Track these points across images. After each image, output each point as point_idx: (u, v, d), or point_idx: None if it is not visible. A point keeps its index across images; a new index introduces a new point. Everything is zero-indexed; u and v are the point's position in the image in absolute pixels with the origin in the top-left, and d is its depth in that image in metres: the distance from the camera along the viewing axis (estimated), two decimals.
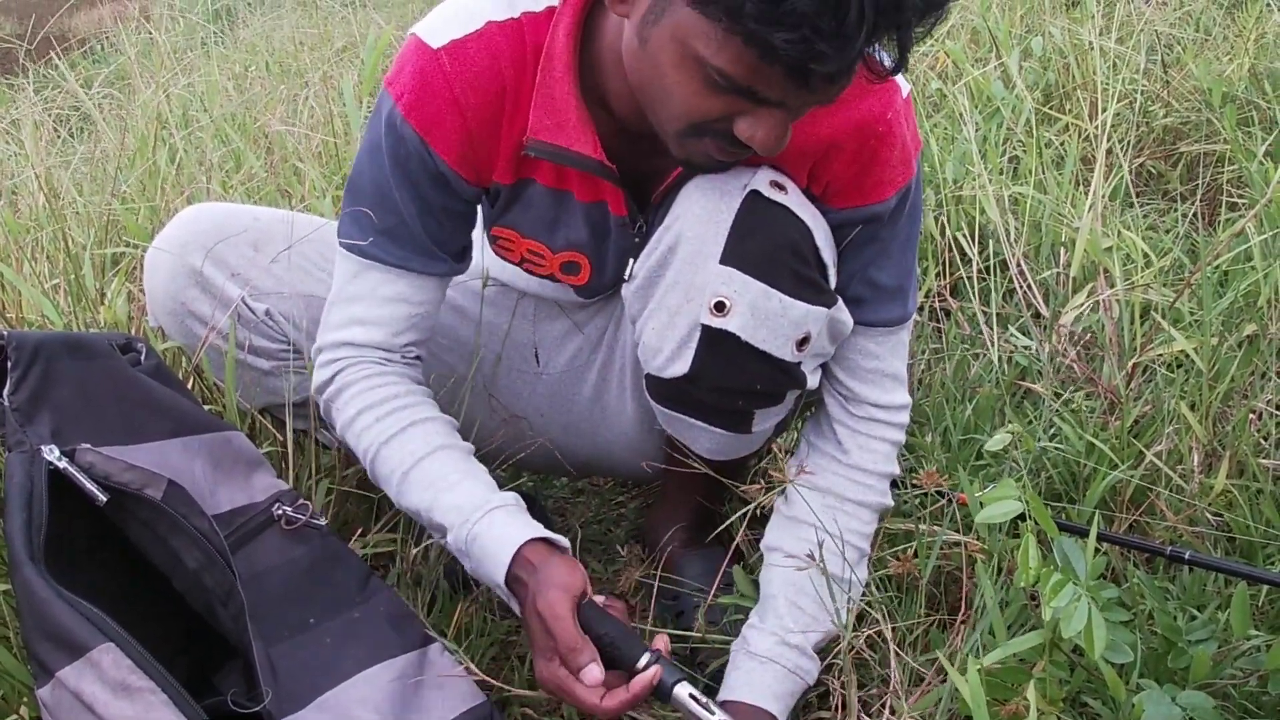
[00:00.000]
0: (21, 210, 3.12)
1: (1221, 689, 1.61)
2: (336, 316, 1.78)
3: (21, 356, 1.47)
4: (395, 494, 1.73)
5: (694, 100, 1.43)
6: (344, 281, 1.77)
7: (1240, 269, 2.59)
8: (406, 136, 1.66)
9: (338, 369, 1.76)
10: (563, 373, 2.03)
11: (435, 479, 1.69)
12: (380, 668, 1.61)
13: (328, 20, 5.97)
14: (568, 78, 1.61)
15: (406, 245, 1.73)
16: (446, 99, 1.63)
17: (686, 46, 1.38)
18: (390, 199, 1.71)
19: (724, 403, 1.70)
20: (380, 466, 1.73)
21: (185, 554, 1.47)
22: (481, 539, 1.63)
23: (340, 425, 1.77)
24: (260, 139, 3.67)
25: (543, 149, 1.65)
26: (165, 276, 1.88)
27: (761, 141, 1.44)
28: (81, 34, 7.37)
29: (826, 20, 1.24)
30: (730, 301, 1.57)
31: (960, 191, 2.95)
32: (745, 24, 1.28)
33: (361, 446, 1.74)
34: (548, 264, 1.82)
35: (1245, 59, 3.64)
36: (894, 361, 1.81)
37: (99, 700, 1.27)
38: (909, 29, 1.32)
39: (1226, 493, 1.95)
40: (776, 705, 1.69)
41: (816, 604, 1.74)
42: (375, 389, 1.75)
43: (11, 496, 1.35)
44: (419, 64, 1.64)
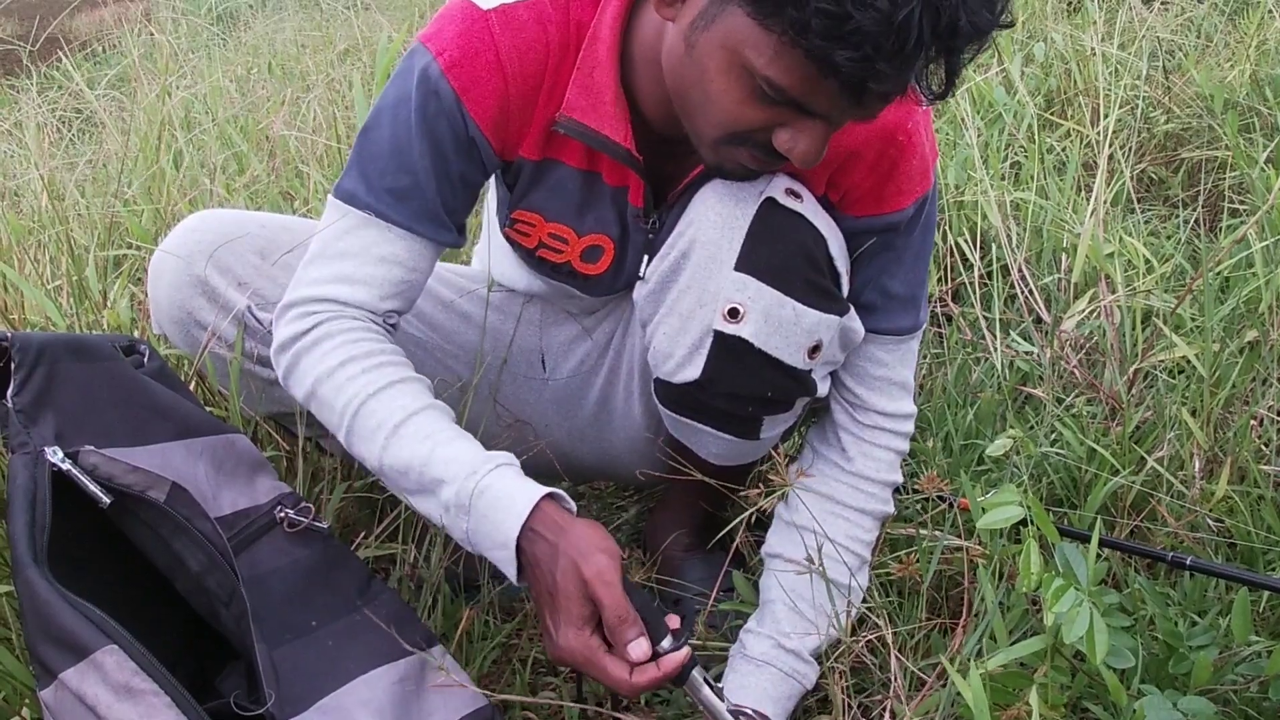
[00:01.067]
0: (24, 211, 3.12)
1: (1222, 695, 1.61)
2: (319, 271, 1.69)
3: (25, 358, 1.47)
4: (380, 448, 1.61)
5: (738, 109, 1.43)
6: (333, 236, 1.69)
7: (1242, 275, 2.59)
8: (442, 93, 1.61)
9: (316, 320, 1.67)
10: (569, 378, 2.02)
11: (432, 432, 1.60)
12: (382, 670, 1.61)
13: (330, 23, 5.98)
14: (610, 61, 1.60)
15: (415, 206, 1.67)
16: (491, 61, 1.60)
17: (737, 55, 1.38)
18: (408, 157, 1.65)
19: (734, 409, 1.71)
20: (365, 419, 1.62)
21: (188, 556, 1.47)
22: (492, 490, 1.54)
23: (314, 377, 1.65)
24: (263, 142, 3.68)
25: (574, 128, 1.63)
26: (170, 285, 1.84)
27: (801, 154, 1.44)
28: (84, 36, 7.39)
29: (890, 40, 1.26)
30: (744, 308, 1.57)
31: (962, 197, 2.95)
32: (809, 39, 1.29)
33: (343, 398, 1.63)
34: (569, 250, 1.78)
35: (1247, 65, 3.64)
36: (902, 370, 1.82)
37: (102, 702, 1.27)
38: (958, 54, 1.34)
39: (1228, 498, 1.95)
40: (773, 708, 1.70)
41: (815, 609, 1.75)
42: (361, 341, 1.66)
43: (14, 498, 1.35)
44: (466, 23, 1.60)
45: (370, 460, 1.63)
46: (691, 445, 1.81)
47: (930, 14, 1.26)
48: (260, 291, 1.86)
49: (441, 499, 1.57)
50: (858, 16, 1.25)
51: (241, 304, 1.84)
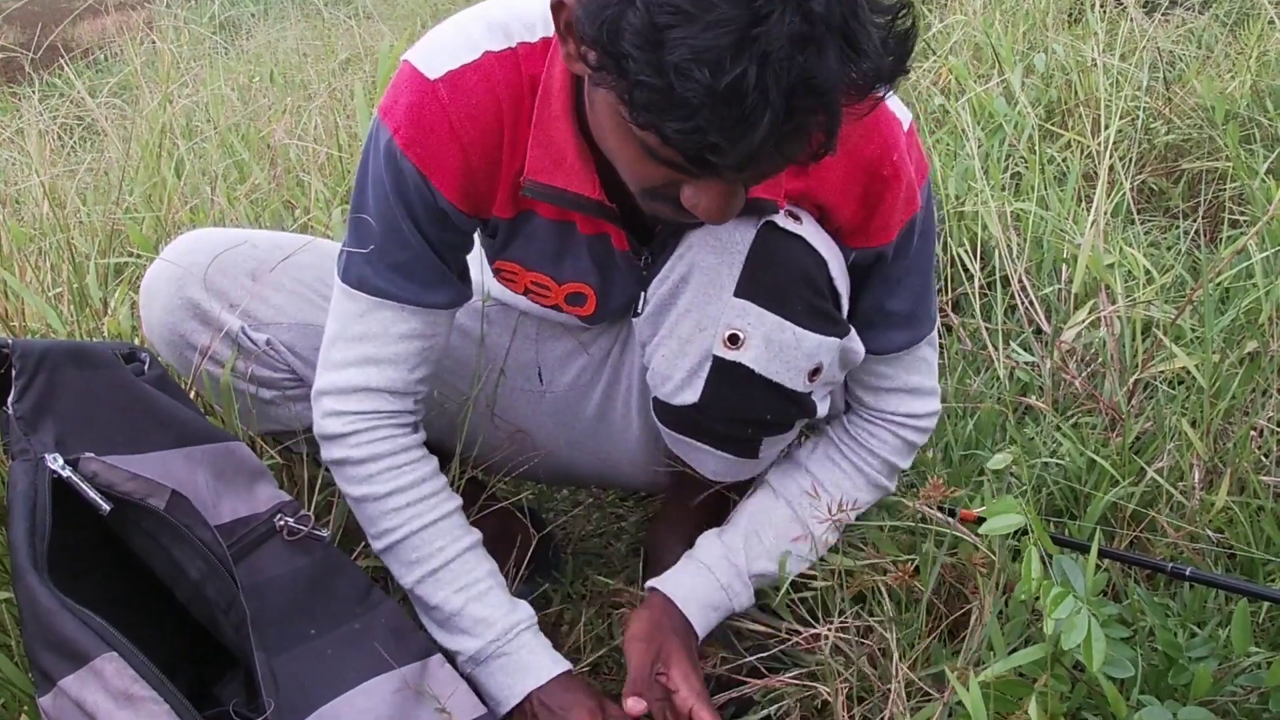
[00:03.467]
0: (26, 219, 3.12)
1: (1222, 706, 1.61)
2: (342, 355, 1.73)
3: (26, 365, 1.47)
4: (415, 580, 1.75)
5: (636, 166, 1.39)
6: (349, 320, 1.71)
7: (1242, 286, 2.59)
8: (406, 171, 1.60)
9: (359, 426, 1.73)
10: (566, 391, 2.01)
11: (467, 584, 1.75)
12: (381, 679, 1.61)
13: (332, 31, 5.98)
14: (565, 115, 1.55)
15: (419, 279, 1.68)
16: (445, 133, 1.58)
17: (619, 116, 1.31)
18: (399, 232, 1.65)
19: (733, 431, 1.71)
20: (405, 551, 1.75)
21: (188, 564, 1.47)
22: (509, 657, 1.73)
23: (362, 495, 1.75)
24: (265, 151, 3.68)
25: (540, 190, 1.60)
26: (162, 308, 1.84)
27: (705, 212, 1.38)
28: (86, 44, 7.39)
29: (720, 110, 1.17)
30: (744, 334, 1.57)
31: (962, 207, 2.95)
32: (637, 112, 1.23)
33: (386, 524, 1.74)
34: (553, 295, 1.78)
35: (1247, 76, 3.64)
36: (910, 378, 1.83)
37: (101, 709, 1.27)
38: (835, 111, 1.23)
39: (1227, 509, 1.95)
40: (697, 612, 1.79)
41: (775, 540, 1.82)
42: (408, 470, 1.75)
43: (15, 505, 1.35)
44: (415, 95, 1.58)
45: (401, 580, 1.78)
46: (690, 463, 1.81)
47: (770, 75, 1.15)
48: (252, 312, 1.87)
49: (460, 646, 1.75)
50: (679, 87, 1.16)
51: (235, 326, 1.85)
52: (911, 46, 1.26)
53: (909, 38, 1.25)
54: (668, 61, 1.17)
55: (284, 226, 2.98)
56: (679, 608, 1.78)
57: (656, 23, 1.17)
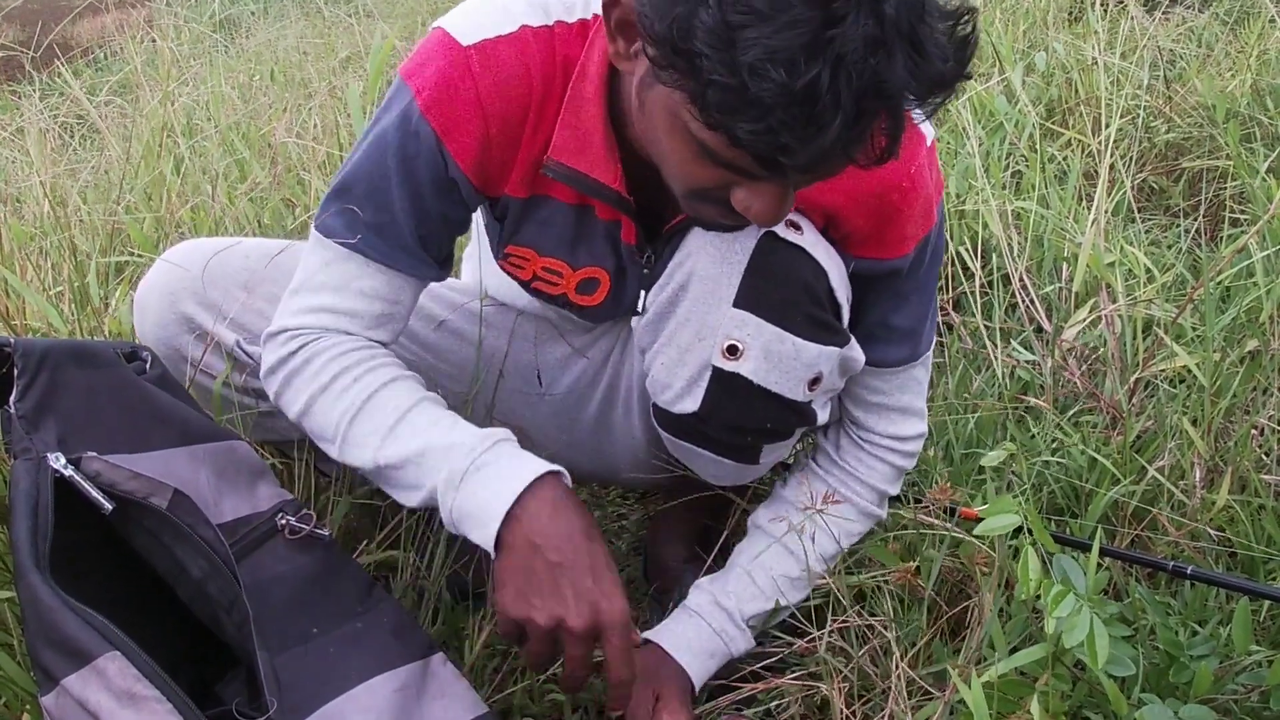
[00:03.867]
0: (26, 217, 3.12)
1: (1223, 704, 1.61)
2: (302, 302, 1.67)
3: (28, 364, 1.46)
4: (375, 450, 1.59)
5: (688, 168, 1.38)
6: (314, 269, 1.66)
7: (1242, 285, 2.59)
8: (421, 134, 1.57)
9: (303, 342, 1.65)
10: (566, 394, 2.00)
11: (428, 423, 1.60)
12: (383, 678, 1.61)
13: (332, 30, 5.98)
14: (598, 101, 1.55)
15: (393, 243, 1.63)
16: (470, 101, 1.55)
17: (676, 117, 1.32)
18: (384, 195, 1.61)
19: (733, 439, 1.70)
20: (361, 425, 1.61)
21: (190, 563, 1.47)
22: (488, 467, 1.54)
23: (308, 395, 1.64)
24: (265, 149, 3.68)
25: (562, 172, 1.59)
26: (155, 323, 1.83)
27: (757, 214, 1.39)
28: (85, 42, 7.39)
29: (793, 111, 1.17)
30: (743, 345, 1.56)
31: (963, 206, 2.95)
32: (709, 112, 1.23)
33: (338, 410, 1.62)
34: (564, 283, 1.75)
35: (1248, 75, 3.64)
36: (902, 396, 1.81)
37: (104, 708, 1.27)
38: (900, 115, 1.24)
39: (1228, 508, 1.95)
40: (691, 660, 1.73)
41: (769, 581, 1.78)
42: (350, 352, 1.64)
43: (17, 504, 1.35)
44: (445, 60, 1.55)
45: (366, 466, 1.62)
46: (691, 467, 1.81)
47: (843, 77, 1.16)
48: (247, 326, 1.84)
49: (435, 480, 1.56)
50: (754, 87, 1.16)
51: (229, 340, 1.83)
52: (972, 52, 1.26)
53: (970, 43, 1.25)
54: (741, 61, 1.17)
55: (284, 225, 2.98)
56: (672, 656, 1.74)
57: (730, 21, 1.17)
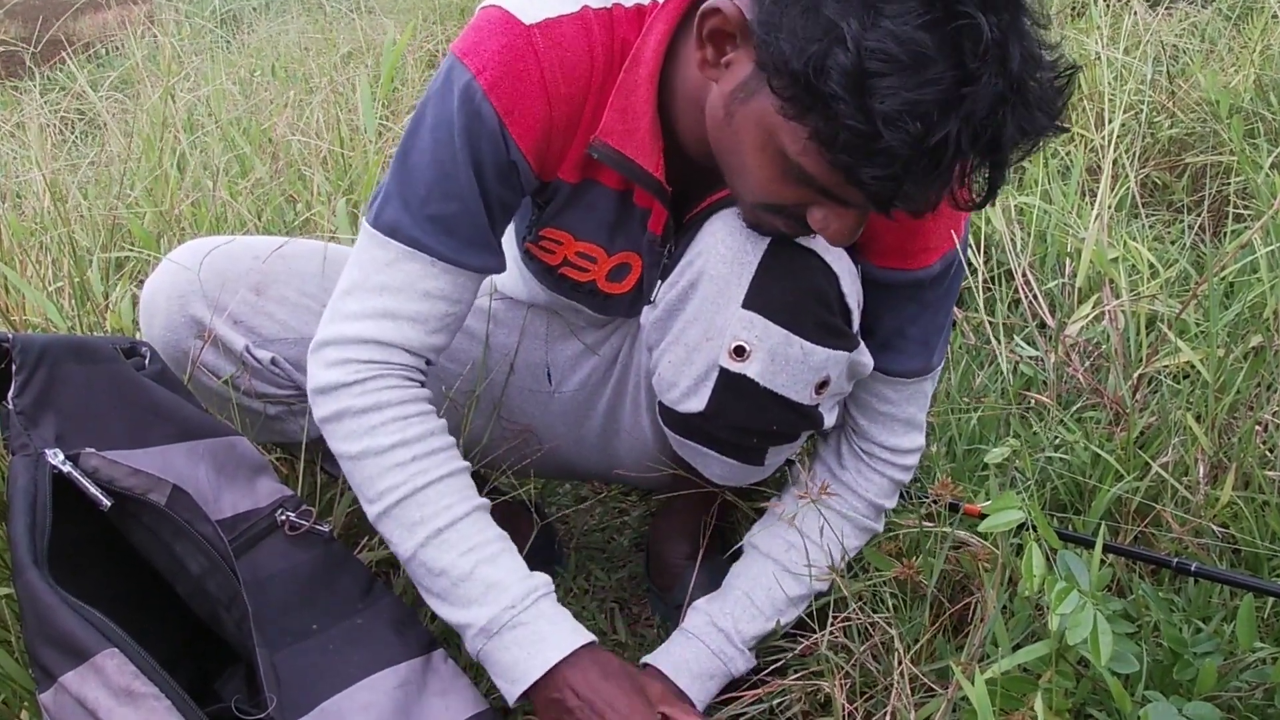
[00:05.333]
0: (27, 213, 3.12)
1: (1227, 701, 1.61)
2: (358, 305, 1.61)
3: (27, 359, 1.46)
4: (418, 544, 1.60)
5: (771, 185, 1.40)
6: (372, 268, 1.61)
7: (1246, 280, 2.59)
8: (485, 114, 1.52)
9: (365, 375, 1.61)
10: (576, 392, 2.00)
11: (476, 544, 1.61)
12: (383, 674, 1.61)
13: (333, 25, 5.98)
14: (649, 87, 1.54)
15: (462, 236, 1.59)
16: (535, 81, 1.52)
17: (772, 136, 1.34)
18: (454, 182, 1.56)
19: (739, 440, 1.69)
20: (408, 510, 1.60)
21: (189, 560, 1.46)
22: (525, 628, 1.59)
23: (362, 449, 1.61)
24: (266, 144, 3.67)
25: (608, 154, 1.57)
26: (163, 326, 1.80)
27: (834, 234, 1.42)
28: (86, 38, 7.38)
29: (920, 163, 1.22)
30: (750, 347, 1.55)
31: None
32: (835, 153, 1.25)
33: (387, 481, 1.60)
34: (596, 269, 1.74)
35: (1251, 70, 3.63)
36: (908, 408, 1.81)
37: (102, 705, 1.26)
38: (1003, 165, 1.29)
39: (1232, 504, 1.94)
40: (689, 681, 1.72)
41: (768, 601, 1.78)
42: (412, 422, 1.62)
43: (15, 500, 1.35)
44: (507, 39, 1.51)
45: (401, 548, 1.62)
46: (696, 466, 1.80)
47: (969, 132, 1.20)
48: (257, 329, 1.83)
49: (469, 617, 1.59)
50: (888, 137, 1.20)
51: (239, 345, 1.81)
52: (1066, 103, 1.29)
53: (1065, 94, 1.29)
54: (877, 110, 1.20)
55: (286, 221, 2.97)
56: (671, 679, 1.73)
57: (867, 69, 1.19)
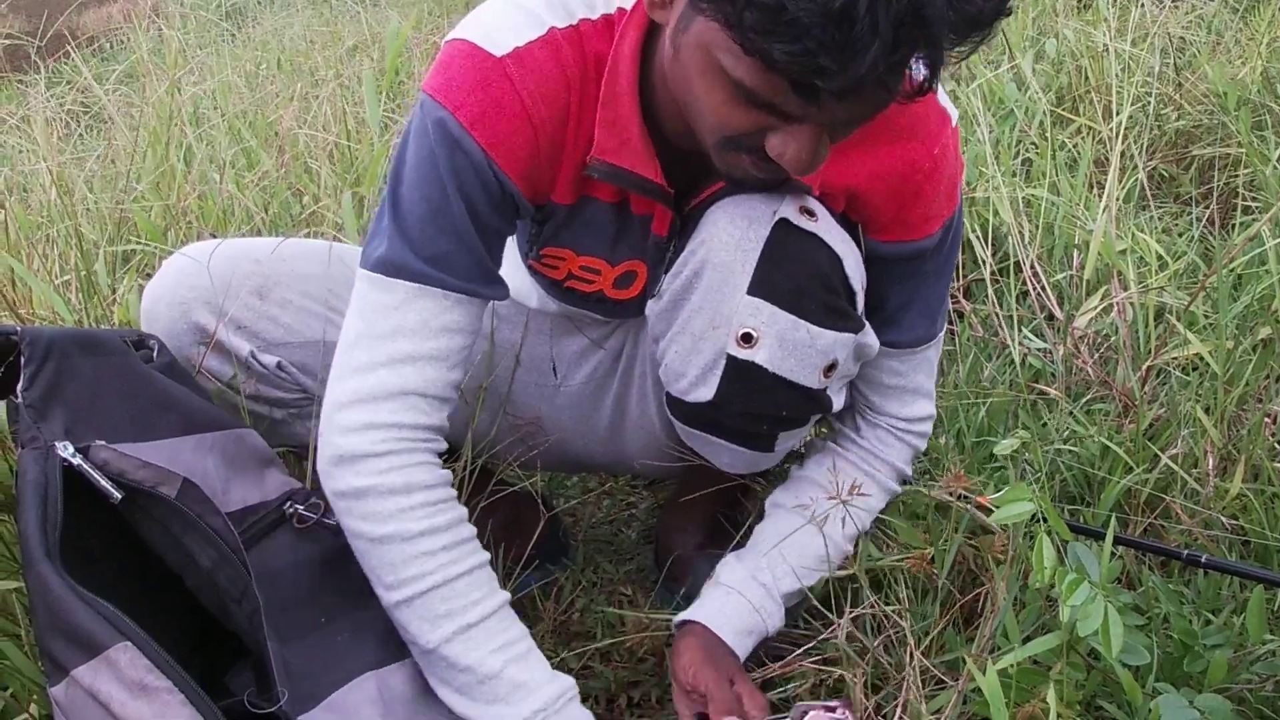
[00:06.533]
0: (33, 207, 3.12)
1: (1237, 694, 1.60)
2: (369, 355, 1.56)
3: (35, 353, 1.46)
4: (442, 637, 1.56)
5: (722, 112, 1.36)
6: (378, 314, 1.56)
7: (1255, 272, 2.58)
8: (469, 150, 1.51)
9: (391, 446, 1.56)
10: (582, 386, 1.99)
11: (505, 643, 1.57)
12: (391, 667, 1.61)
13: (339, 18, 5.98)
14: (631, 95, 1.53)
15: (466, 269, 1.56)
16: (517, 113, 1.51)
17: (710, 57, 1.31)
18: (447, 218, 1.54)
19: (749, 427, 1.70)
20: (433, 603, 1.55)
21: (199, 553, 1.45)
22: None
23: (388, 532, 1.55)
24: (273, 138, 3.67)
25: (607, 170, 1.57)
26: (165, 334, 1.76)
27: (791, 160, 1.36)
28: (91, 32, 7.38)
29: (830, 32, 1.16)
30: (758, 334, 1.55)
31: (974, 194, 2.94)
32: (745, 34, 1.21)
33: (414, 569, 1.55)
34: (601, 280, 1.74)
35: (1258, 62, 3.63)
36: (917, 377, 1.81)
37: (115, 699, 1.26)
38: (939, 46, 1.22)
39: (1241, 496, 1.94)
40: (734, 638, 1.70)
41: (799, 557, 1.76)
42: (444, 509, 1.57)
43: (25, 494, 1.34)
44: (480, 72, 1.51)
45: (421, 639, 1.57)
46: (705, 455, 1.81)
47: (881, 4, 1.15)
48: (261, 334, 1.82)
49: (493, 715, 1.56)
50: (791, 7, 1.16)
51: (243, 351, 1.80)
52: None
53: None
54: None
55: (292, 214, 2.97)
56: (717, 635, 1.70)
57: None
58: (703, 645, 1.68)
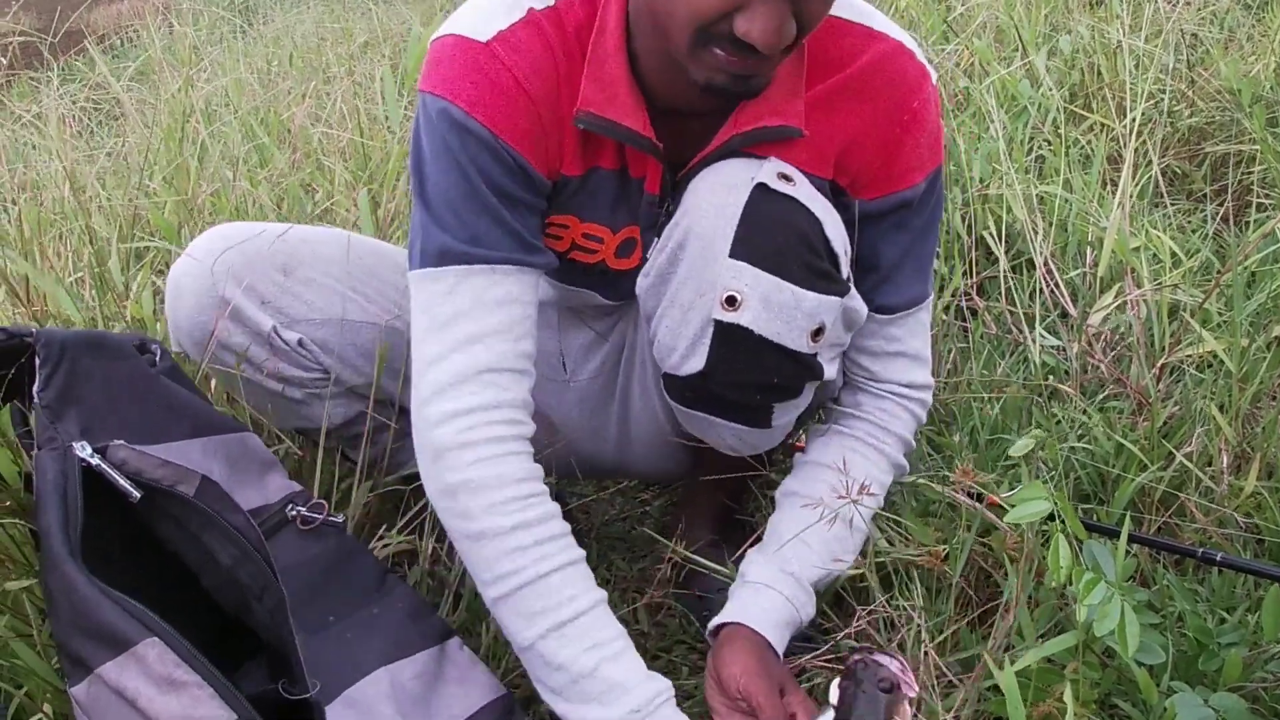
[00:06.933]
0: (46, 203, 3.12)
1: (1252, 692, 1.60)
2: (437, 347, 1.59)
3: (50, 354, 1.47)
4: (538, 634, 1.56)
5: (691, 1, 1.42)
6: (435, 305, 1.60)
7: (1269, 270, 2.58)
8: (474, 131, 1.56)
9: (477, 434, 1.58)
10: (590, 380, 2.01)
11: (600, 641, 1.56)
12: (401, 663, 1.62)
13: (350, 15, 5.98)
14: (619, 54, 1.58)
15: (504, 241, 1.60)
16: (512, 88, 1.57)
17: None
18: (477, 198, 1.58)
19: (741, 398, 1.69)
20: (529, 600, 1.56)
21: (219, 550, 1.45)
22: None
23: (482, 529, 1.57)
24: (285, 135, 3.68)
25: (594, 122, 1.59)
26: (192, 307, 1.80)
27: (760, 36, 1.41)
28: (102, 29, 7.40)
29: None
30: (741, 295, 1.56)
31: (986, 191, 2.93)
32: None
33: (509, 566, 1.56)
34: (603, 248, 1.76)
35: (1271, 59, 3.62)
36: (913, 342, 1.83)
37: (142, 695, 1.26)
38: None
39: (1256, 494, 1.94)
40: (774, 634, 1.68)
41: (822, 543, 1.75)
42: (535, 503, 1.58)
43: (45, 494, 1.34)
44: (470, 60, 1.57)
45: (519, 637, 1.58)
46: (705, 439, 1.81)
47: None
48: (285, 309, 1.84)
49: (590, 715, 1.55)
50: None
51: (266, 325, 1.82)
52: None
53: None
54: None
55: (304, 210, 2.98)
56: (761, 635, 1.67)
57: None
58: (750, 650, 1.65)
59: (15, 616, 1.57)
